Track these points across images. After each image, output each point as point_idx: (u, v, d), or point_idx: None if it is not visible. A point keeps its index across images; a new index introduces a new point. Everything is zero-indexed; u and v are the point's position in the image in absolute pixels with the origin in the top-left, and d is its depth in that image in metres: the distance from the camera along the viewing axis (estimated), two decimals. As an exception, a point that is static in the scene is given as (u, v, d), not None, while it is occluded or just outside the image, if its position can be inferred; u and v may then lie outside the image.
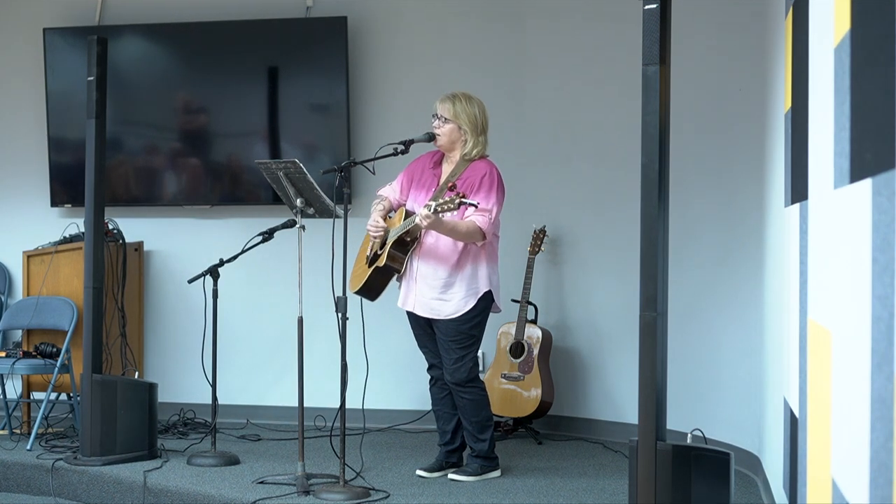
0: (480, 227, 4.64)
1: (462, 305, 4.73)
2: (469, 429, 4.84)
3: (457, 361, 4.76)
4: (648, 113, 3.50)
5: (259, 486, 4.71)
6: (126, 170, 6.65)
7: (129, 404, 5.22)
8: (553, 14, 6.09)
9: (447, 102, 4.81)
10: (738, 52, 5.26)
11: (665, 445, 3.46)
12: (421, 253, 4.77)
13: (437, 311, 4.76)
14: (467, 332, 4.76)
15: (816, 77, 2.83)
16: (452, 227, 4.61)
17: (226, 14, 6.50)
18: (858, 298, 1.99)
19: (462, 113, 4.77)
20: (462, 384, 4.77)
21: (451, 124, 4.78)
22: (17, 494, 5.23)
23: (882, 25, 1.83)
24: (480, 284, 4.75)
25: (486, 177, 4.70)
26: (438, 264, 4.74)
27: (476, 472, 4.83)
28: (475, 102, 4.82)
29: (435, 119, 4.81)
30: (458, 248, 4.73)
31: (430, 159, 4.92)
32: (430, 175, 4.87)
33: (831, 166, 2.40)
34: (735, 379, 5.25)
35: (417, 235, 4.75)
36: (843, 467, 2.21)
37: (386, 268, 4.77)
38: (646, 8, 3.50)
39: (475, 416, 4.82)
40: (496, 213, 4.72)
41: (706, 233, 5.45)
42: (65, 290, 6.08)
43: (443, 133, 4.79)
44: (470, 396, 4.80)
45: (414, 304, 4.80)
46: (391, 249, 4.75)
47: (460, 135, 4.79)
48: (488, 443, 4.84)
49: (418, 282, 4.78)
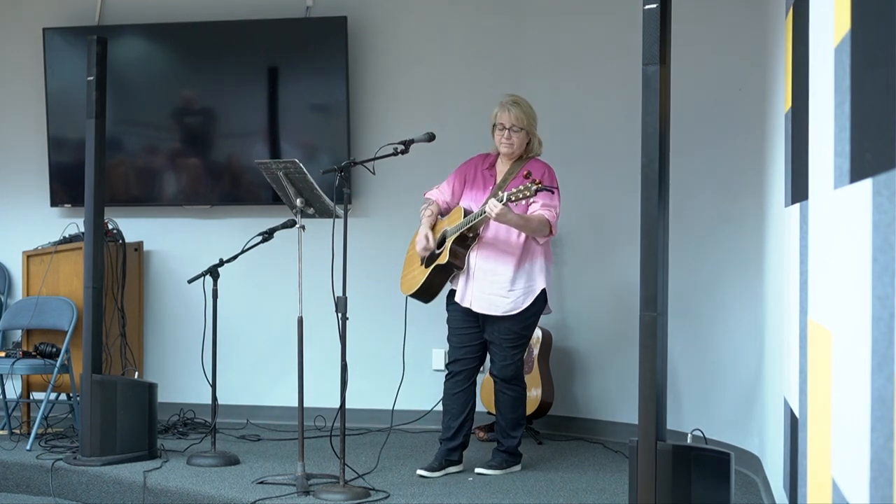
0: (549, 221, 4.68)
1: (521, 302, 4.78)
2: (503, 424, 4.94)
3: (507, 359, 4.85)
4: (648, 113, 3.49)
5: (259, 486, 4.71)
6: (126, 170, 6.65)
7: (129, 404, 5.22)
8: (552, 14, 6.09)
9: (515, 110, 4.80)
10: (738, 52, 5.25)
11: (665, 445, 3.45)
12: (480, 248, 4.79)
13: (496, 307, 4.80)
14: (520, 332, 4.86)
15: (816, 77, 2.83)
16: (524, 219, 4.65)
17: (226, 14, 6.50)
18: (859, 298, 1.99)
19: (531, 119, 4.85)
20: (509, 380, 4.88)
21: (523, 132, 4.80)
22: (17, 494, 5.22)
23: (882, 25, 1.83)
24: (537, 282, 4.80)
25: (545, 175, 4.74)
26: (498, 260, 4.77)
27: (501, 465, 4.93)
28: (526, 102, 4.87)
29: (503, 130, 4.80)
30: (518, 244, 4.76)
31: (482, 161, 4.96)
32: (487, 175, 4.90)
33: (831, 166, 2.40)
34: (735, 379, 5.25)
35: (478, 231, 4.77)
36: (843, 467, 2.20)
37: (448, 265, 4.80)
38: (646, 8, 3.50)
39: (512, 413, 4.92)
40: (559, 210, 4.76)
41: (706, 233, 5.45)
42: (65, 290, 6.08)
43: (516, 143, 4.82)
44: (513, 393, 4.90)
45: (472, 300, 4.83)
46: (453, 245, 4.77)
47: (527, 138, 4.83)
48: (518, 440, 4.96)
49: (477, 277, 4.80)
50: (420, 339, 5.50)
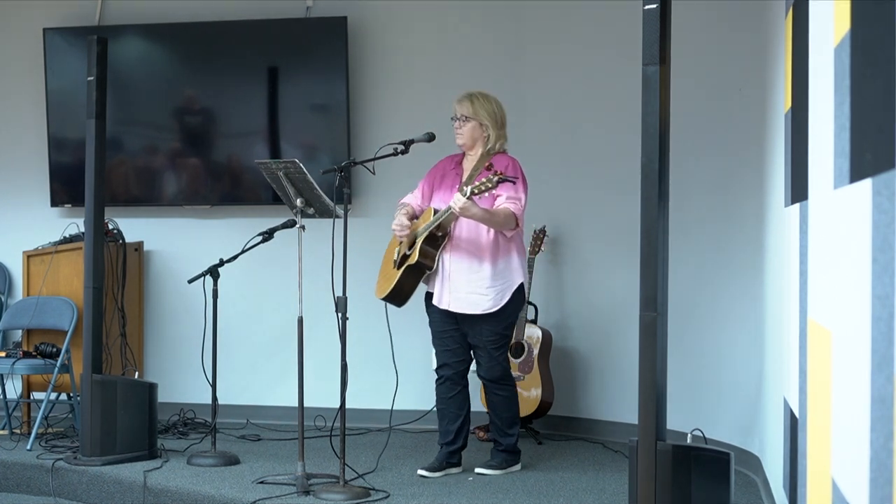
0: (514, 213, 4.67)
1: (500, 299, 4.76)
2: (498, 423, 4.92)
3: (492, 360, 4.84)
4: (648, 113, 3.50)
5: (259, 486, 4.71)
6: (126, 170, 6.65)
7: (129, 404, 5.22)
8: (553, 14, 6.09)
9: (465, 101, 4.84)
10: (738, 52, 5.25)
11: (665, 445, 3.46)
12: (453, 249, 4.77)
13: (476, 306, 4.76)
14: (503, 332, 4.85)
15: (816, 77, 2.83)
16: (489, 213, 4.62)
17: (226, 14, 6.50)
18: (858, 298, 1.99)
19: (481, 109, 4.80)
20: (497, 381, 4.87)
21: (472, 122, 4.81)
22: (17, 494, 5.22)
23: (882, 26, 1.83)
24: (514, 276, 4.79)
25: (509, 167, 4.71)
26: (473, 258, 4.75)
27: (501, 465, 4.92)
28: (491, 98, 4.87)
29: (455, 120, 4.84)
30: (489, 240, 4.73)
31: (450, 161, 4.95)
32: (454, 173, 4.89)
33: (831, 166, 2.40)
34: (735, 379, 5.25)
35: (448, 230, 4.75)
36: (843, 467, 2.20)
37: (418, 265, 4.75)
38: (646, 8, 3.50)
39: (506, 412, 4.91)
40: (525, 203, 4.74)
41: (706, 233, 5.45)
42: (65, 290, 6.08)
43: (464, 132, 4.82)
44: (504, 393, 4.90)
45: (449, 301, 4.80)
46: (423, 246, 4.74)
47: (482, 131, 4.82)
48: (515, 437, 4.95)
49: (453, 278, 4.77)
50: (420, 338, 5.50)
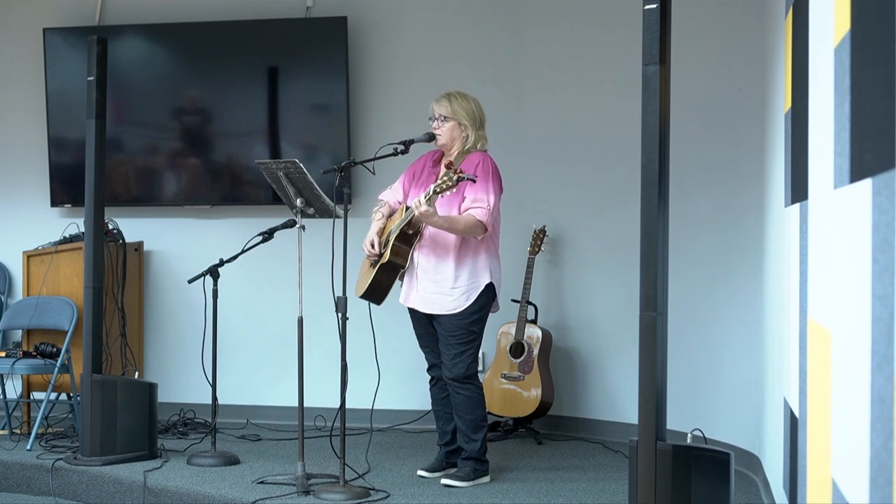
0: (480, 220, 4.59)
1: (463, 301, 4.68)
2: (462, 427, 4.75)
3: (455, 357, 4.70)
4: (648, 113, 3.49)
5: (259, 486, 4.71)
6: (126, 170, 6.65)
7: (129, 404, 5.22)
8: (553, 14, 6.09)
9: (443, 101, 4.80)
10: (738, 52, 5.25)
11: (665, 445, 3.45)
12: (421, 247, 4.73)
13: (438, 306, 4.71)
14: (467, 327, 4.70)
15: (816, 77, 2.83)
16: (449, 221, 4.58)
17: (226, 14, 6.50)
18: (858, 298, 1.99)
19: (460, 109, 4.77)
20: (459, 380, 4.71)
21: (450, 122, 4.77)
22: (17, 494, 5.22)
23: (882, 25, 1.83)
24: (481, 278, 4.70)
25: (479, 166, 4.65)
26: (439, 258, 4.70)
27: (468, 476, 4.72)
28: (470, 98, 4.82)
29: (433, 120, 4.80)
30: (456, 240, 4.67)
31: (430, 158, 4.92)
32: (430, 173, 4.86)
33: (831, 166, 2.40)
34: (735, 379, 5.25)
35: (419, 228, 4.73)
36: (843, 467, 2.20)
37: (390, 264, 4.72)
38: (646, 8, 3.50)
39: (469, 415, 4.74)
40: (494, 204, 4.65)
41: (706, 233, 5.45)
42: (65, 290, 6.08)
43: (443, 132, 4.78)
44: (466, 393, 4.73)
45: (415, 300, 4.77)
46: (395, 244, 4.71)
47: (461, 131, 4.78)
48: (480, 443, 4.74)
49: (419, 277, 4.74)
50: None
